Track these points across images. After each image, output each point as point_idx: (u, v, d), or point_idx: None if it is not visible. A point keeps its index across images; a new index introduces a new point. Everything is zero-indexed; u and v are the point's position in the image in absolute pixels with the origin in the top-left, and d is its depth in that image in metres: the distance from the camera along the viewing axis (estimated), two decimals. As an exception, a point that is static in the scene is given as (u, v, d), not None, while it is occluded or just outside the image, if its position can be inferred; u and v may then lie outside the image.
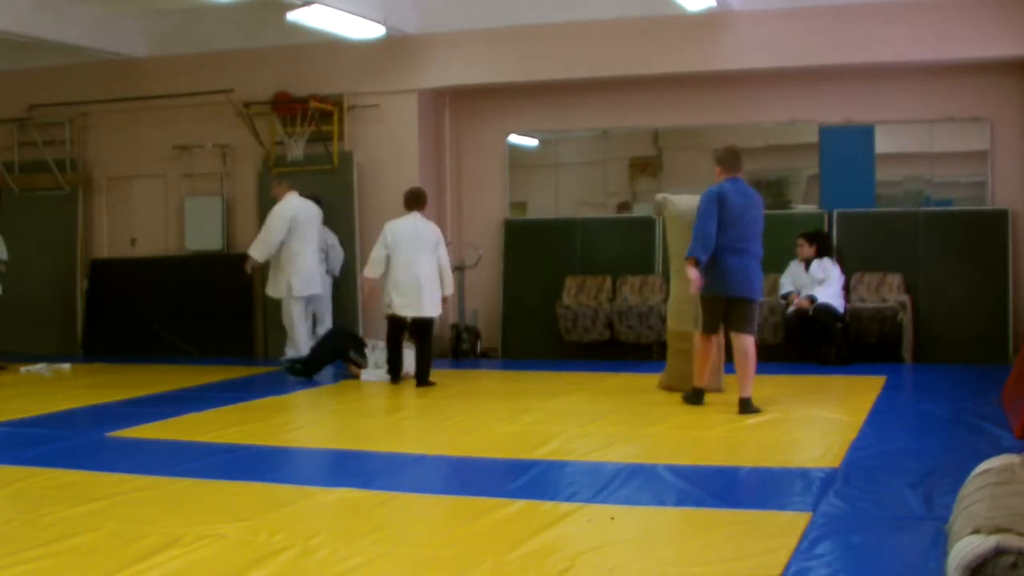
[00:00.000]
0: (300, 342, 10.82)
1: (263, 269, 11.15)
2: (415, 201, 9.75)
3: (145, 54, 12.69)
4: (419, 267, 9.47)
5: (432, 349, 9.76)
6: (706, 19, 10.91)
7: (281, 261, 10.76)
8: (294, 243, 10.70)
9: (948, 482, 5.07)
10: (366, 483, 5.71)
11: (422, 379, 9.52)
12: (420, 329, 9.64)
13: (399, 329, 9.69)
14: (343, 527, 4.86)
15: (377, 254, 9.56)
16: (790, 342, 10.68)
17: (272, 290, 10.96)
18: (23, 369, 11.02)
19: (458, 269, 12.04)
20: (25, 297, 12.47)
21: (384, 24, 11.07)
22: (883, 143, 11.25)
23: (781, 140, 11.75)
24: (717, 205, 7.77)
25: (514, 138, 12.54)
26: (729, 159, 8.04)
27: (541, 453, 6.42)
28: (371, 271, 9.61)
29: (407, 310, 9.51)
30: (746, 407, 7.66)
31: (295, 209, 10.76)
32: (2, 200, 12.56)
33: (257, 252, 10.79)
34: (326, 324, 11.52)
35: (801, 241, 10.70)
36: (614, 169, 12.47)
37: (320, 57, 12.06)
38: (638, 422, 7.45)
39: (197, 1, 11.44)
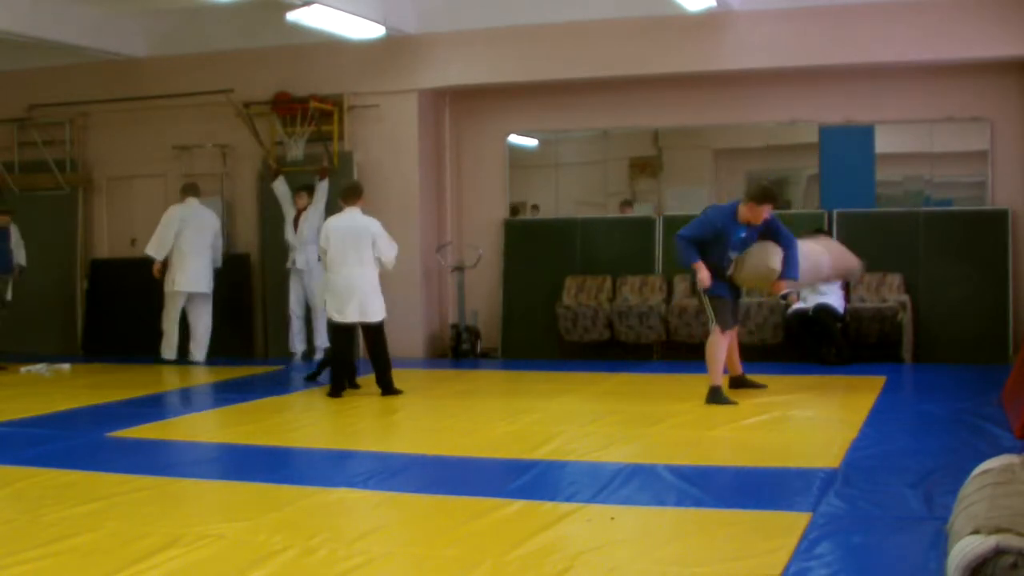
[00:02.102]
0: (169, 338, 11.75)
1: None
2: (350, 195, 9.09)
3: (145, 54, 12.69)
4: (350, 268, 8.82)
5: (388, 354, 9.02)
6: (706, 19, 10.91)
7: (171, 260, 11.69)
8: (182, 244, 11.64)
9: (948, 482, 5.07)
10: (366, 483, 5.71)
11: (385, 387, 8.90)
12: (366, 334, 8.98)
13: (341, 334, 9.00)
14: (343, 527, 4.86)
15: (320, 250, 9.06)
16: (790, 342, 10.68)
17: (166, 286, 11.80)
18: (23, 369, 11.02)
19: (458, 269, 12.06)
20: (25, 297, 12.45)
21: (384, 24, 11.07)
22: (883, 143, 11.24)
23: (781, 140, 11.74)
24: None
25: (514, 138, 12.54)
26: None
27: (541, 453, 6.42)
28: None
29: (336, 314, 8.84)
30: (710, 398, 8.12)
31: (183, 213, 11.72)
32: (2, 200, 12.56)
33: (151, 250, 11.71)
34: (323, 320, 11.66)
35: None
36: (614, 169, 12.47)
37: (320, 57, 12.05)
38: (638, 422, 7.45)
39: (197, 1, 11.44)
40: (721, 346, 8.28)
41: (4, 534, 4.77)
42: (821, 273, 9.45)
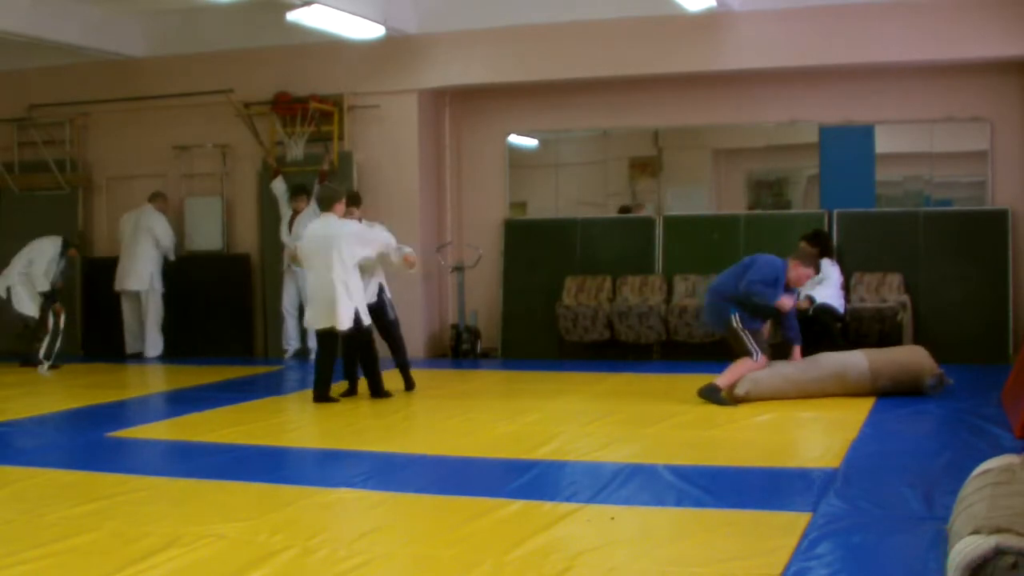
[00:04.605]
0: (128, 333, 12.40)
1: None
2: (324, 203, 8.76)
3: (145, 54, 12.68)
4: (316, 273, 8.59)
5: (376, 359, 8.87)
6: (706, 19, 10.90)
7: None
8: (123, 247, 12.38)
9: (948, 482, 5.07)
10: (366, 483, 5.71)
11: (375, 391, 8.86)
12: (348, 341, 8.76)
13: (322, 341, 8.78)
14: (343, 527, 4.87)
15: (290, 256, 9.29)
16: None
17: None
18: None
19: (458, 269, 12.06)
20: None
21: (384, 24, 11.06)
22: (883, 143, 11.24)
23: (781, 140, 11.74)
24: None
25: (514, 138, 12.54)
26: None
27: (541, 453, 6.42)
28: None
29: (313, 322, 8.71)
30: (707, 392, 8.05)
31: (126, 219, 12.42)
32: (2, 200, 12.56)
33: None
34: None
35: (804, 246, 10.59)
36: (614, 169, 12.47)
37: (320, 57, 12.05)
38: (638, 422, 7.45)
39: (197, 1, 11.44)
40: (752, 369, 8.23)
41: (4, 534, 4.77)
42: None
